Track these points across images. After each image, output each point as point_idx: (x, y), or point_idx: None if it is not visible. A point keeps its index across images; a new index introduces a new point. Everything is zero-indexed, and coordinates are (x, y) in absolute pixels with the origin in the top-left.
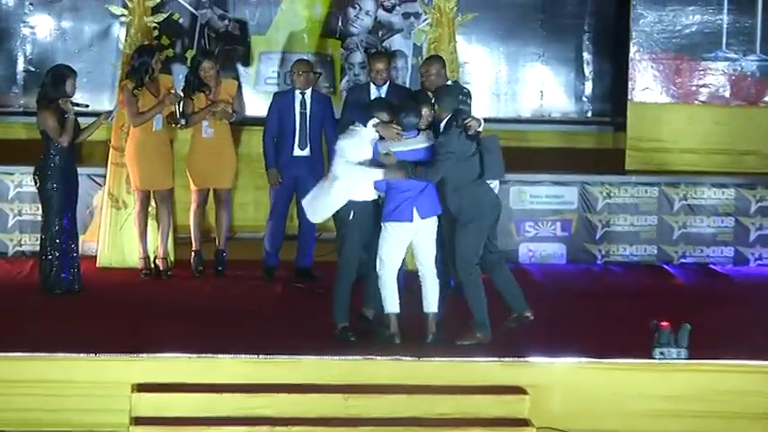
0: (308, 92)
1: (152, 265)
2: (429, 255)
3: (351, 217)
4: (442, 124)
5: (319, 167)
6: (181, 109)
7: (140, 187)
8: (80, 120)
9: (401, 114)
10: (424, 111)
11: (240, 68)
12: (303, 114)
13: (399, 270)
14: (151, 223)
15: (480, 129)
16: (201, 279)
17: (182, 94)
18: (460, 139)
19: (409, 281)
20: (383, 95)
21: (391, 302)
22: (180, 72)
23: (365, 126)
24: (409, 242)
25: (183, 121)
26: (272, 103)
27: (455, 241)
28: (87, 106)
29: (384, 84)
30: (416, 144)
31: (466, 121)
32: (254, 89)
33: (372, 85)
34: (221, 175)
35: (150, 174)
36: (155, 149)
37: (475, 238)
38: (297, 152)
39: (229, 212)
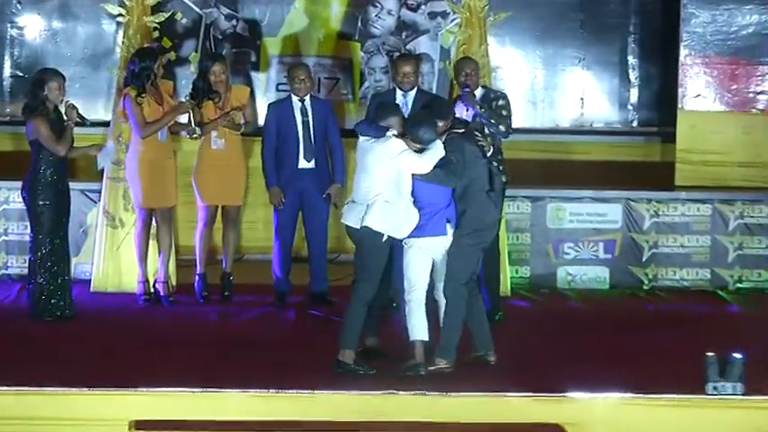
0: (307, 98)
1: (151, 290)
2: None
3: (384, 238)
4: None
5: (325, 180)
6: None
7: (144, 204)
8: (75, 130)
9: (419, 131)
10: (440, 122)
11: (250, 73)
12: (306, 123)
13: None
14: (151, 243)
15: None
16: (206, 305)
17: (194, 102)
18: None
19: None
20: (410, 102)
21: (420, 329)
22: (183, 77)
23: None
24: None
25: (198, 131)
26: (268, 115)
27: (449, 254)
28: (87, 124)
29: (411, 89)
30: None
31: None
32: (264, 96)
33: (398, 91)
34: (232, 191)
35: (155, 190)
36: (160, 163)
37: (470, 256)
38: (302, 164)
39: (238, 232)
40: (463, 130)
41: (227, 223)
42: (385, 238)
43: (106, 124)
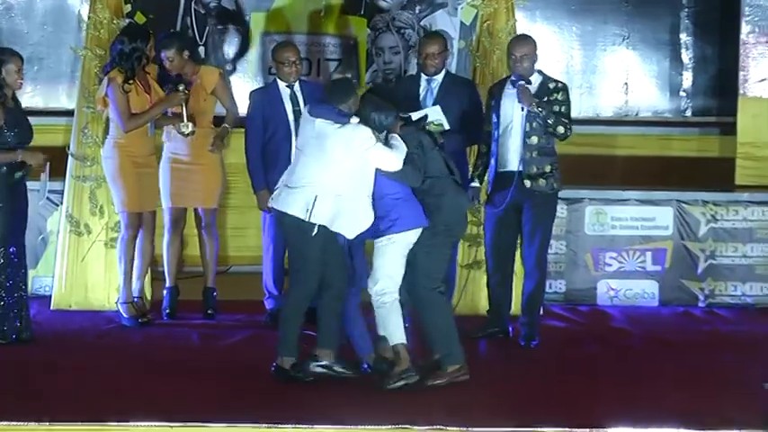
0: (296, 83)
1: (136, 310)
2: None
3: (315, 232)
4: None
5: None
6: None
7: (132, 209)
8: (33, 120)
9: (380, 115)
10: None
11: (237, 54)
12: (297, 112)
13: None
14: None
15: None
16: (187, 325)
17: (188, 92)
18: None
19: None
20: (435, 89)
21: (399, 333)
22: None
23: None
24: None
25: (191, 126)
26: (252, 105)
27: (419, 255)
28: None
29: (436, 73)
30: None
31: (428, 127)
32: (254, 80)
33: (423, 76)
34: (204, 192)
35: (143, 191)
36: (145, 161)
37: (444, 254)
38: None
39: (217, 239)
40: (408, 122)
41: (203, 230)
42: (315, 230)
43: (69, 113)
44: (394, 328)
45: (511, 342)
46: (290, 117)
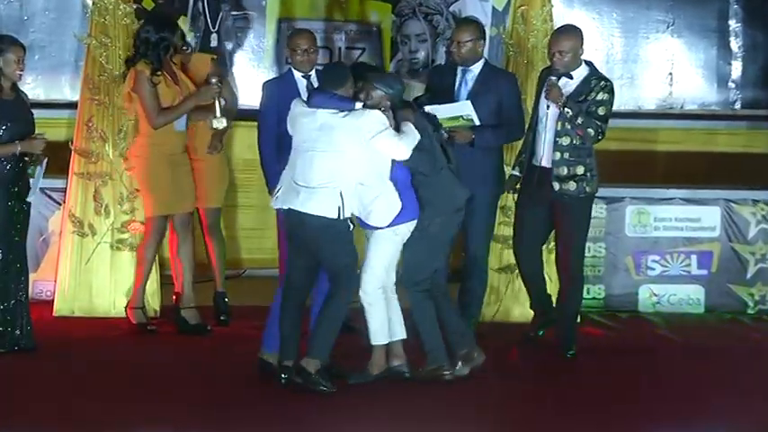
0: (313, 72)
1: (149, 317)
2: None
3: (352, 227)
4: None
5: None
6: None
7: (165, 211)
8: (34, 113)
9: (383, 85)
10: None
11: (252, 42)
12: None
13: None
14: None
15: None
16: (198, 333)
17: (221, 84)
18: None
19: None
20: (471, 81)
21: (383, 333)
22: None
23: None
24: None
25: (224, 121)
26: (266, 96)
27: (406, 246)
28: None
29: (471, 62)
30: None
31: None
32: (270, 70)
33: (460, 66)
34: (205, 191)
35: (176, 192)
36: (179, 159)
37: (432, 247)
38: None
39: (222, 240)
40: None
41: (208, 231)
42: (352, 226)
43: (72, 106)
44: (377, 327)
45: (546, 352)
46: None
